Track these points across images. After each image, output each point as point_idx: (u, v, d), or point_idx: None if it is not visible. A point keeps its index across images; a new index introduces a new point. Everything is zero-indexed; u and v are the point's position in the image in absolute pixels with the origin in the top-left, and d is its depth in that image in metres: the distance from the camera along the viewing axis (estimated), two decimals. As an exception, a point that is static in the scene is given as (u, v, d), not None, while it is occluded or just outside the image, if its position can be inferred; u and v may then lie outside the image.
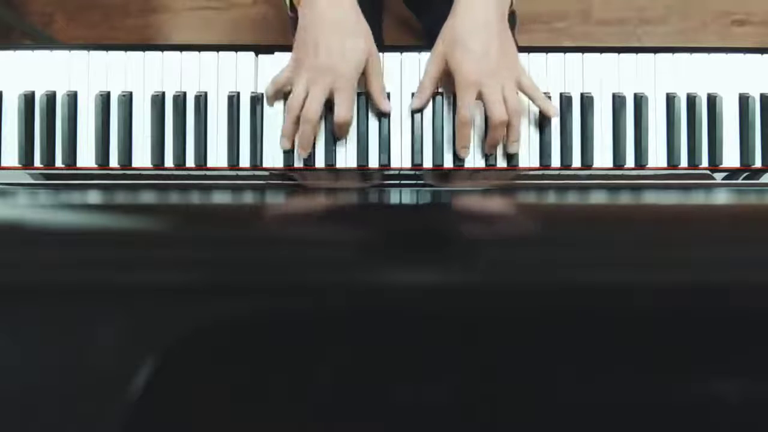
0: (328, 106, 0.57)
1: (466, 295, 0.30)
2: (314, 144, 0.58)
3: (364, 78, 0.57)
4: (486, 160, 0.60)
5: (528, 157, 0.60)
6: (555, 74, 0.60)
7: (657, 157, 0.60)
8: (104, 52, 0.59)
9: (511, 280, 0.31)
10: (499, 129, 0.56)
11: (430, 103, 0.60)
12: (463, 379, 0.26)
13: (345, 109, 0.56)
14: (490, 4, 0.55)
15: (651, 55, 0.61)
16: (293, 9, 0.59)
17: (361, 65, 0.55)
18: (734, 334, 0.28)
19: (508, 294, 0.30)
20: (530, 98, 0.58)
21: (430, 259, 0.33)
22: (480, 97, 0.56)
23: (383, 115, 0.59)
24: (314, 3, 0.55)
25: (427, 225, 0.40)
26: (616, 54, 0.61)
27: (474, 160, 0.60)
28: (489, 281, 0.31)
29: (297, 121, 0.57)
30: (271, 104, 0.59)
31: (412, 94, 0.60)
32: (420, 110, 0.59)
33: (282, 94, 0.59)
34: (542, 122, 0.60)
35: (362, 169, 0.59)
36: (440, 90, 0.60)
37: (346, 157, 0.59)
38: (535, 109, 0.60)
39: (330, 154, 0.59)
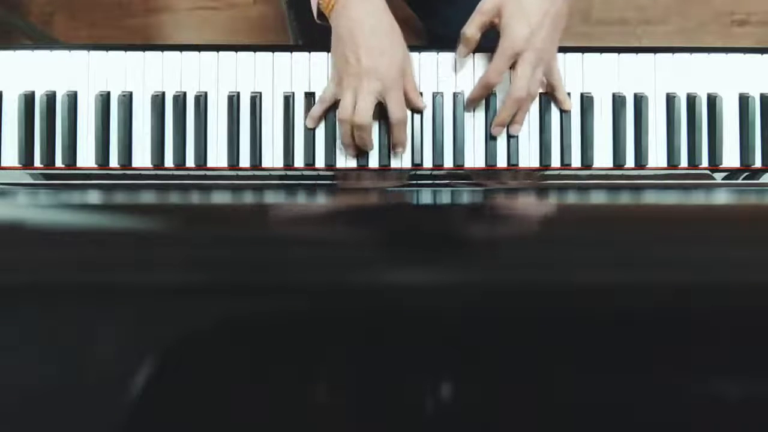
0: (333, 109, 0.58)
1: (465, 295, 0.30)
2: (314, 142, 0.59)
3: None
4: (486, 161, 0.60)
5: (528, 157, 0.60)
6: (555, 74, 0.60)
7: (657, 157, 0.60)
8: (104, 52, 0.59)
9: (509, 280, 0.31)
10: (512, 104, 0.56)
11: (430, 103, 0.60)
12: (474, 380, 0.26)
13: (398, 108, 0.56)
14: None
15: (651, 55, 0.61)
16: (321, 17, 0.58)
17: (403, 64, 0.56)
18: (734, 334, 0.28)
19: (509, 294, 0.30)
20: (553, 87, 0.58)
21: (429, 260, 0.33)
22: (512, 66, 0.55)
23: (417, 112, 0.59)
24: (349, 11, 0.54)
25: (426, 225, 0.40)
26: (616, 54, 0.61)
27: (474, 160, 0.60)
28: (486, 281, 0.31)
29: (351, 131, 0.56)
30: (314, 123, 0.59)
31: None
32: (465, 56, 0.59)
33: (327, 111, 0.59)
34: (542, 122, 0.60)
35: (362, 169, 0.59)
36: (440, 90, 0.60)
37: (346, 157, 0.59)
38: (535, 110, 0.60)
39: (330, 154, 0.59)
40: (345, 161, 0.59)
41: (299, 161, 0.59)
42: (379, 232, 0.37)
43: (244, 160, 0.59)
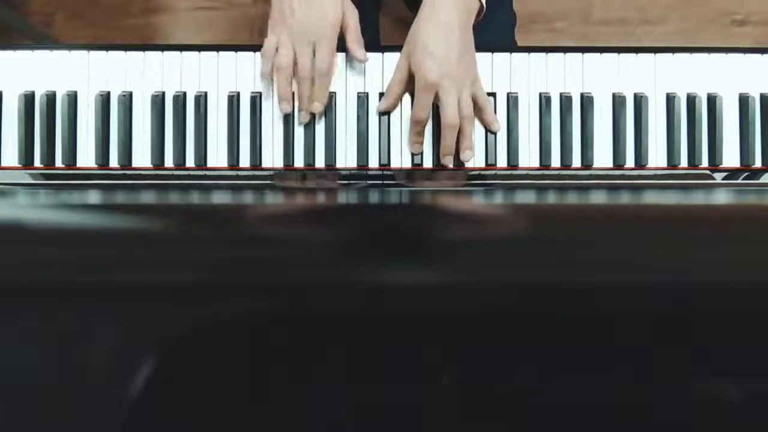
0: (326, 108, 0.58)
1: (462, 295, 0.30)
2: (314, 142, 0.59)
3: (342, 35, 0.58)
4: (486, 160, 0.60)
5: (528, 157, 0.60)
6: (555, 74, 0.60)
7: (657, 157, 0.60)
8: (104, 52, 0.59)
9: (507, 281, 0.31)
10: (450, 132, 0.57)
11: (430, 103, 0.60)
12: (465, 380, 0.26)
13: (324, 60, 0.57)
14: (452, 11, 0.56)
15: (651, 55, 0.61)
16: None
17: (338, 17, 0.57)
18: (734, 334, 0.28)
19: (503, 294, 0.30)
20: (479, 109, 0.59)
21: (425, 260, 0.33)
22: (436, 99, 0.57)
23: (359, 62, 0.59)
24: None
25: (425, 225, 0.40)
26: (616, 54, 0.61)
27: (474, 160, 0.60)
28: (482, 282, 0.31)
29: (290, 81, 0.57)
30: (270, 79, 0.59)
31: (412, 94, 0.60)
32: (387, 113, 0.60)
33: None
34: (542, 122, 0.60)
35: (362, 168, 0.59)
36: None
37: (346, 157, 0.59)
38: (535, 110, 0.60)
39: (330, 154, 0.59)
40: (345, 161, 0.59)
41: (299, 161, 0.59)
42: (369, 233, 0.37)
43: (244, 160, 0.59)
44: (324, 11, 0.56)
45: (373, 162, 0.59)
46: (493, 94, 0.60)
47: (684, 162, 0.60)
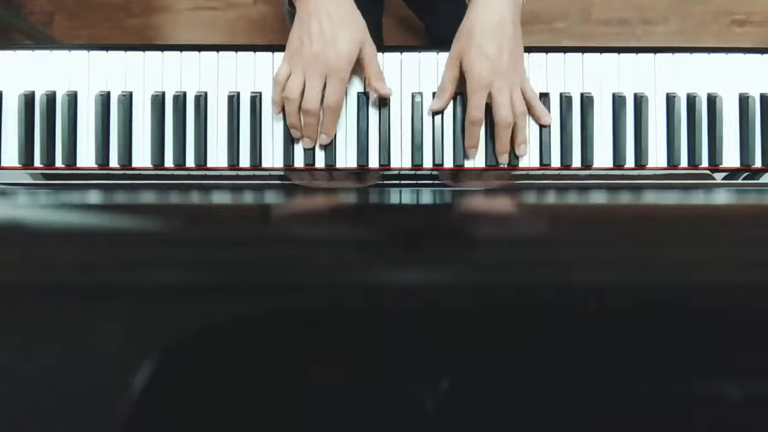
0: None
1: (466, 295, 0.30)
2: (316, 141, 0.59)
3: (360, 68, 0.58)
4: (486, 160, 0.60)
5: (528, 157, 0.60)
6: (555, 74, 0.61)
7: (657, 157, 0.60)
8: (104, 52, 0.59)
9: (511, 280, 0.31)
10: (505, 131, 0.57)
11: (430, 102, 0.60)
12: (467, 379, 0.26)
13: (334, 95, 0.57)
14: (506, 8, 0.56)
15: (651, 55, 0.61)
16: (291, 3, 0.60)
17: (353, 54, 0.56)
18: (734, 333, 0.28)
19: (509, 293, 0.30)
20: (528, 104, 0.59)
21: (430, 259, 0.33)
22: (489, 98, 0.57)
23: (384, 104, 0.59)
24: None
25: (427, 225, 0.40)
26: (616, 54, 0.61)
27: (474, 160, 0.60)
28: (488, 281, 0.31)
29: (299, 110, 0.57)
30: (279, 108, 0.59)
31: (412, 95, 0.60)
32: (440, 111, 0.60)
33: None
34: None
35: (363, 168, 0.59)
36: (440, 90, 0.60)
37: (347, 157, 0.59)
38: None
39: (330, 154, 0.59)
40: (345, 161, 0.59)
41: (299, 161, 0.59)
42: (376, 233, 0.37)
43: (244, 160, 0.59)
44: (339, 50, 0.55)
45: (373, 162, 0.59)
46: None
47: (684, 162, 0.60)
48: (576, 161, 0.60)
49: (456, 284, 0.31)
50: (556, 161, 0.60)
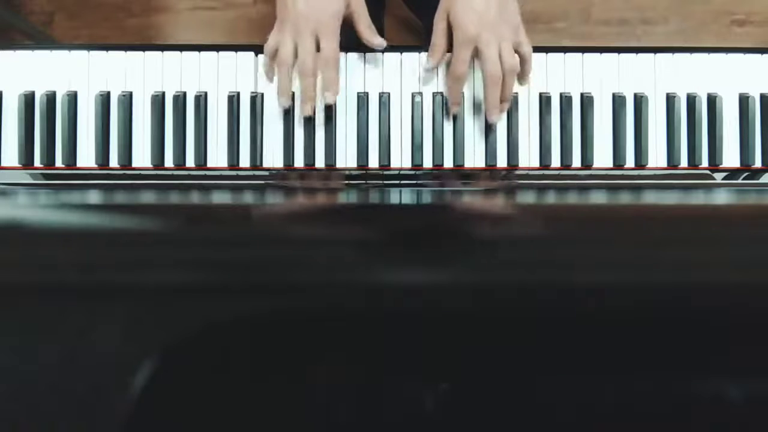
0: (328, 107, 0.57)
1: (465, 295, 0.30)
2: (314, 142, 0.59)
3: (349, 25, 0.57)
4: (486, 160, 0.60)
5: (528, 157, 0.60)
6: (555, 74, 0.61)
7: (657, 157, 0.60)
8: (104, 52, 0.59)
9: (511, 280, 0.31)
10: (493, 87, 0.56)
11: (430, 102, 0.60)
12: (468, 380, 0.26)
13: (329, 47, 0.56)
14: None
15: (651, 55, 0.61)
16: None
17: (340, 5, 0.56)
18: (734, 334, 0.28)
19: (509, 294, 0.30)
20: (522, 58, 0.58)
21: (428, 259, 0.33)
22: (476, 54, 0.56)
23: (376, 48, 0.59)
24: None
25: (425, 225, 0.40)
26: (616, 54, 0.61)
27: (474, 159, 0.60)
28: (487, 281, 0.31)
29: (290, 77, 0.57)
30: (271, 77, 0.59)
31: (413, 95, 0.60)
32: (435, 67, 0.59)
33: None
34: (542, 122, 0.60)
35: (362, 168, 0.59)
36: (440, 90, 0.60)
37: (347, 157, 0.59)
38: (535, 110, 0.60)
39: (330, 154, 0.59)
40: (345, 161, 0.59)
41: (299, 161, 0.59)
42: (372, 232, 0.37)
43: (244, 160, 0.59)
44: (325, 4, 0.55)
45: (373, 162, 0.59)
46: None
47: (684, 162, 0.60)
48: (576, 161, 0.60)
49: (456, 284, 0.31)
50: (556, 161, 0.60)
